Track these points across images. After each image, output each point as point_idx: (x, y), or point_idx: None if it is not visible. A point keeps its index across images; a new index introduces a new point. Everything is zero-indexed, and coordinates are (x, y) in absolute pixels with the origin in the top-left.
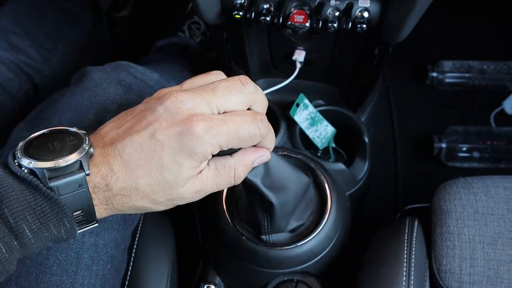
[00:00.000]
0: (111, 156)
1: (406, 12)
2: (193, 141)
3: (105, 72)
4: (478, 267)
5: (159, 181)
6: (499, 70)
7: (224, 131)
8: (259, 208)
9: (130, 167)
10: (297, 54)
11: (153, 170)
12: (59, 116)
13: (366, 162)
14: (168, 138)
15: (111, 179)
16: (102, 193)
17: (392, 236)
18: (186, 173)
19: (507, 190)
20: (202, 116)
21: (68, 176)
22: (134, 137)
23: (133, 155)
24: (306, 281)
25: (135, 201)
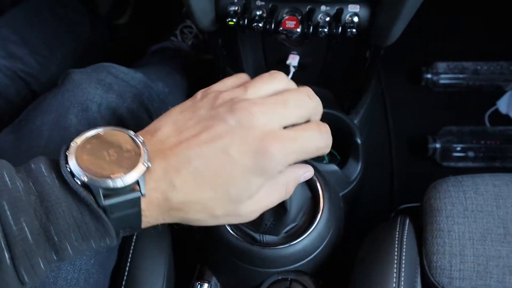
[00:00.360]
0: (173, 170)
1: (394, 15)
2: (266, 161)
3: (86, 74)
4: (468, 263)
5: (223, 196)
6: (492, 71)
7: (295, 149)
8: (269, 211)
9: (195, 181)
10: (291, 59)
11: (219, 185)
12: (42, 117)
13: (359, 163)
14: (241, 155)
15: (171, 193)
16: (156, 207)
17: (384, 235)
18: (251, 190)
19: (496, 187)
20: (275, 135)
21: (123, 195)
22: (202, 149)
23: (199, 168)
24: (300, 280)
25: (191, 215)
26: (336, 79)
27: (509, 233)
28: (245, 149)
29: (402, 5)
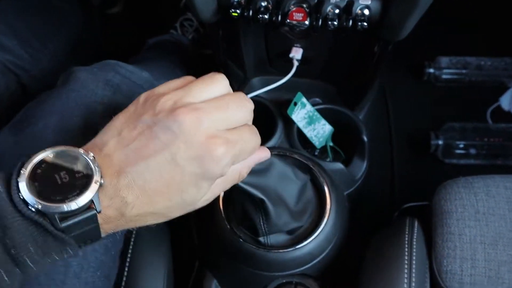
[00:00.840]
0: (124, 188)
1: (408, 9)
2: (213, 165)
3: (92, 73)
4: (479, 268)
5: (178, 203)
6: (496, 66)
7: (239, 150)
8: (252, 208)
9: (148, 195)
10: (294, 52)
11: (172, 195)
12: (44, 120)
13: (365, 161)
14: (189, 163)
15: (125, 209)
16: (114, 221)
17: (393, 237)
18: (204, 193)
19: (508, 190)
20: (219, 139)
21: (79, 216)
22: (150, 162)
23: (150, 182)
24: (305, 283)
25: (149, 221)
26: (340, 74)
27: None
28: (191, 156)
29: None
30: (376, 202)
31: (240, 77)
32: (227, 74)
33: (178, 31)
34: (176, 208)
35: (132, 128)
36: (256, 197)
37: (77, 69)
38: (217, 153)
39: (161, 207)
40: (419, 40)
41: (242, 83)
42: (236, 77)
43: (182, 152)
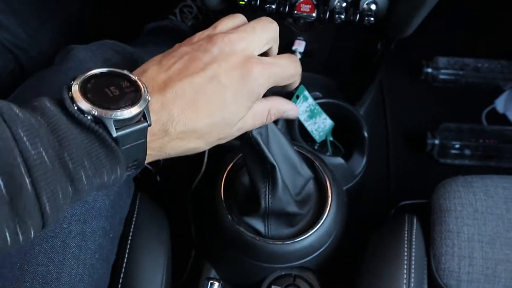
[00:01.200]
0: (170, 102)
1: (415, 6)
2: (252, 83)
3: (91, 51)
4: (477, 266)
5: (218, 121)
6: (493, 69)
7: (274, 72)
8: (259, 174)
9: (192, 110)
10: (297, 45)
11: (214, 111)
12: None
13: (364, 157)
14: (230, 80)
15: (171, 125)
16: (159, 140)
17: (392, 234)
18: (243, 113)
19: (506, 190)
20: (255, 60)
21: (132, 126)
22: (194, 79)
23: (194, 97)
24: (304, 276)
25: (190, 143)
26: (342, 68)
27: None
28: (232, 74)
29: None
30: (372, 199)
31: None
32: None
33: (177, 17)
34: (216, 127)
35: (171, 57)
36: (269, 161)
37: (76, 47)
38: (254, 71)
39: (203, 125)
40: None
41: None
42: None
43: (223, 70)
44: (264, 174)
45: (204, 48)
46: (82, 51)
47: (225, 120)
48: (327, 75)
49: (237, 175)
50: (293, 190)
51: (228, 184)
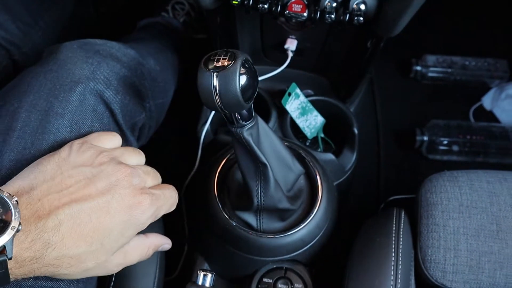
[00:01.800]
0: (50, 229)
1: (404, 6)
2: (140, 214)
3: (72, 51)
4: (461, 258)
5: (97, 249)
6: (479, 67)
7: (161, 203)
8: (252, 173)
9: (73, 237)
10: (289, 43)
11: (95, 239)
12: (20, 98)
13: (354, 153)
14: (118, 211)
15: (45, 251)
16: (27, 266)
17: (380, 226)
18: (123, 241)
19: (490, 184)
20: (146, 192)
21: None
22: (83, 205)
23: (79, 225)
24: (295, 269)
25: (63, 270)
26: (333, 67)
27: (501, 229)
28: (122, 205)
29: None
30: (362, 194)
31: None
32: None
33: (169, 14)
34: (94, 255)
35: (68, 176)
36: (260, 160)
37: (57, 46)
38: (144, 203)
39: (81, 251)
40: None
41: None
42: None
43: (115, 202)
44: (256, 173)
45: (103, 175)
46: (63, 52)
47: (104, 247)
48: (318, 73)
49: (229, 171)
50: (285, 186)
51: (221, 180)
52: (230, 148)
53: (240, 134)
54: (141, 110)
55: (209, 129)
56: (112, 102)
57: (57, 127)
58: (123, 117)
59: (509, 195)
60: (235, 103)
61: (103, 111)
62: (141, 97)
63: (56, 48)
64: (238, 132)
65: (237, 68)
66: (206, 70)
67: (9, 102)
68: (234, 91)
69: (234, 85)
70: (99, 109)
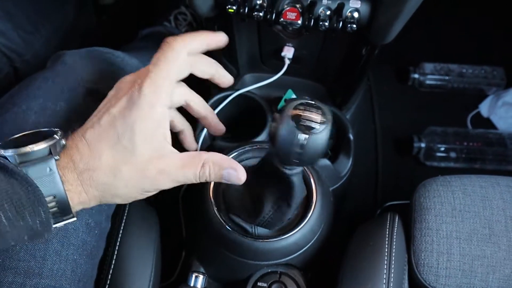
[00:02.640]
0: (77, 139)
1: (395, 14)
2: (136, 100)
3: (79, 57)
4: (454, 262)
5: (119, 150)
6: (476, 74)
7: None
8: (270, 202)
9: (92, 143)
10: (286, 51)
11: (112, 141)
12: (29, 101)
13: (350, 159)
14: (118, 108)
15: (76, 157)
16: (70, 173)
17: (374, 231)
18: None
19: (483, 188)
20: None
21: (40, 162)
22: (94, 119)
23: (93, 133)
24: (289, 273)
25: (100, 176)
26: (330, 74)
27: (494, 233)
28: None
29: (403, 4)
30: (360, 200)
31: (233, 73)
32: None
33: (172, 24)
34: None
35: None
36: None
37: (66, 53)
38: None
39: (106, 156)
40: (405, 46)
41: (234, 79)
42: (229, 73)
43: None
44: (274, 204)
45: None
46: (70, 57)
47: (125, 147)
48: (315, 80)
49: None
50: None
51: (217, 184)
52: (227, 153)
53: (289, 176)
54: None
55: (207, 135)
56: None
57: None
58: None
59: (501, 199)
60: (311, 161)
61: None
62: None
63: (64, 54)
64: (286, 174)
65: (327, 133)
66: (294, 125)
67: (17, 105)
68: (319, 154)
69: (321, 150)
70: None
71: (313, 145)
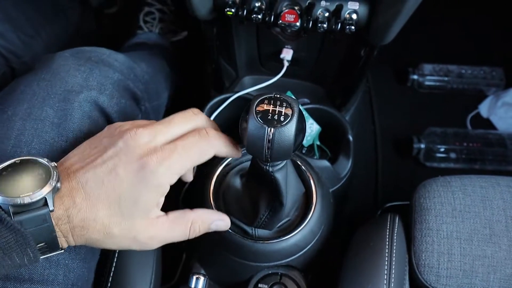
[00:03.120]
0: (75, 190)
1: (393, 15)
2: (148, 175)
3: (64, 59)
4: (455, 262)
5: (115, 212)
6: (475, 75)
7: (175, 159)
8: (264, 203)
9: (91, 200)
10: (284, 53)
11: (111, 202)
12: (14, 107)
13: (350, 160)
14: (126, 173)
15: (72, 211)
16: (64, 225)
17: (374, 231)
18: (143, 207)
19: (483, 189)
20: (155, 150)
21: (33, 212)
22: (96, 170)
23: (94, 189)
24: (290, 275)
25: (91, 233)
26: (329, 75)
27: (494, 233)
28: (130, 167)
29: (401, 5)
30: (360, 201)
31: (232, 75)
32: (219, 72)
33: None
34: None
35: (94, 147)
36: (280, 200)
37: (49, 56)
38: (150, 163)
39: (102, 215)
40: (404, 47)
41: (233, 81)
42: (228, 75)
43: (122, 164)
44: (268, 205)
45: (113, 141)
46: (56, 61)
47: (121, 210)
48: (314, 82)
49: (225, 178)
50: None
51: (217, 186)
52: None
53: (272, 173)
54: (137, 112)
55: None
56: (108, 106)
57: (52, 136)
58: (120, 120)
59: (501, 199)
60: (284, 156)
61: (98, 117)
62: (136, 99)
63: (49, 57)
64: (269, 171)
65: (294, 125)
66: (259, 122)
67: (2, 110)
68: (289, 147)
69: (290, 142)
70: (94, 115)
71: (281, 138)
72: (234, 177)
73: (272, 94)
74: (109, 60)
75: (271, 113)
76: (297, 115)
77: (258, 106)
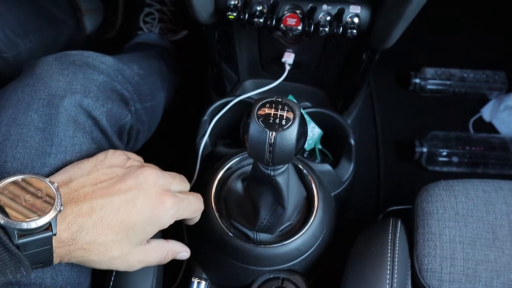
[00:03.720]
0: (84, 214)
1: (395, 19)
2: (162, 212)
3: (48, 64)
4: (458, 267)
5: (121, 239)
6: (478, 79)
7: (184, 206)
8: (266, 207)
9: (102, 225)
10: (286, 57)
11: (121, 230)
12: None
13: (352, 164)
14: (144, 206)
15: (79, 235)
16: (65, 247)
17: (377, 236)
18: (145, 236)
19: (486, 193)
20: (170, 194)
21: (36, 235)
22: (114, 198)
23: (108, 215)
24: (292, 279)
25: (92, 255)
26: (330, 79)
27: (497, 238)
28: (147, 202)
29: (403, 9)
30: (362, 205)
31: (234, 79)
32: (221, 76)
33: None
34: (119, 244)
35: (102, 173)
36: (282, 203)
37: (34, 62)
38: (167, 203)
39: (109, 239)
40: (406, 50)
41: (235, 85)
42: (230, 79)
43: (141, 197)
44: (270, 208)
45: (133, 173)
46: (40, 66)
47: (128, 238)
48: (315, 85)
49: (226, 182)
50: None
51: (218, 190)
52: (228, 159)
53: (273, 177)
54: (126, 112)
55: (208, 141)
56: (93, 109)
57: (37, 140)
58: (108, 122)
59: (504, 204)
60: (285, 159)
61: (84, 120)
62: (124, 101)
63: (34, 62)
64: (271, 175)
65: (295, 129)
66: (261, 126)
67: None
68: (290, 151)
69: (291, 146)
70: (80, 119)
71: (282, 142)
72: (236, 181)
73: (273, 98)
74: (94, 62)
75: (272, 117)
76: (299, 119)
77: (259, 110)
